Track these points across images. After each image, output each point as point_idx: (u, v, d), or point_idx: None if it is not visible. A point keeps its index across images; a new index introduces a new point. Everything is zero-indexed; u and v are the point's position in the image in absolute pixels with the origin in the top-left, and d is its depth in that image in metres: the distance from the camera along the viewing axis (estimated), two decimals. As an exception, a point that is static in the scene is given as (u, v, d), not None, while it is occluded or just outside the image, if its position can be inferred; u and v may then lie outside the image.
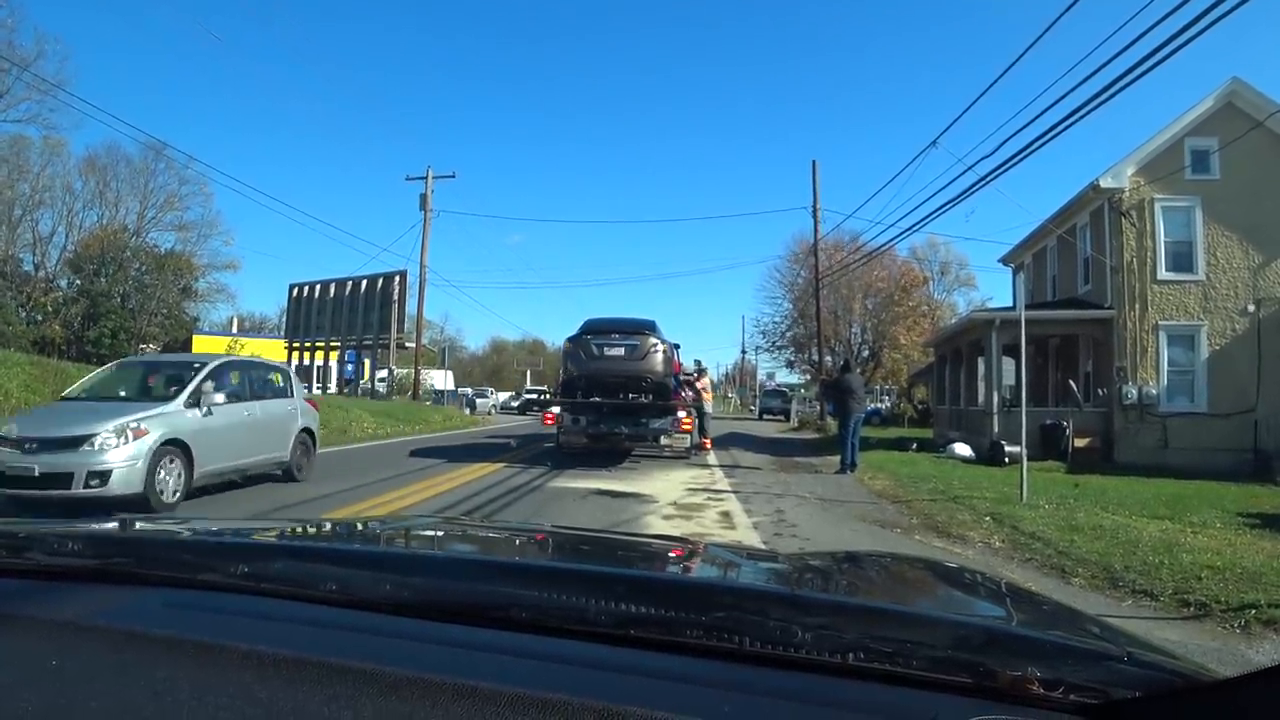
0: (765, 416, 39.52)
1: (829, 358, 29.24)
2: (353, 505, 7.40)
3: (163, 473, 6.76)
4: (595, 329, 12.25)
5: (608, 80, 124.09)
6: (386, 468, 10.64)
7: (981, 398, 16.38)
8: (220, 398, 7.52)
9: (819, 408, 26.74)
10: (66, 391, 8.12)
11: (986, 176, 11.16)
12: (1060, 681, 0.67)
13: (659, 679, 0.70)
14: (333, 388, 31.47)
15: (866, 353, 34.94)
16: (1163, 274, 14.40)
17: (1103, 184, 14.51)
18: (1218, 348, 14.22)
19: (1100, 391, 15.16)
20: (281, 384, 9.01)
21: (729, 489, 9.50)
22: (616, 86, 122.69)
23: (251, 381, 8.44)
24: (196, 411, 7.25)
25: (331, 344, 30.06)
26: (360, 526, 1.73)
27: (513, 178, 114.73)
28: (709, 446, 14.58)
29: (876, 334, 34.28)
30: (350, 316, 28.63)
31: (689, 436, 12.37)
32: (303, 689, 0.67)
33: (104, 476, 6.32)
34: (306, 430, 9.03)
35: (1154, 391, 14.21)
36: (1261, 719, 0.58)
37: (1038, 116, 9.46)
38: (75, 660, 0.73)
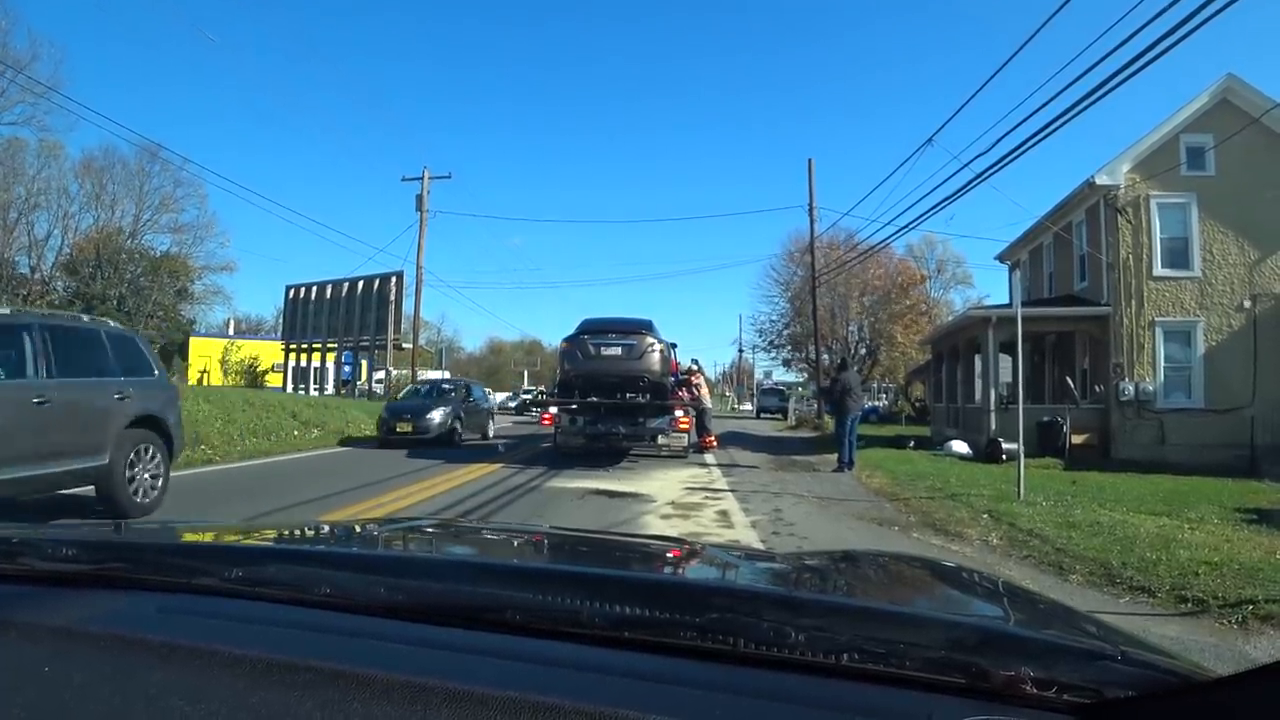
0: (763, 415, 39.51)
1: (826, 356, 29.23)
2: (350, 507, 7.37)
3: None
4: (592, 329, 12.24)
5: (602, 81, 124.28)
6: (384, 468, 10.63)
7: (979, 395, 16.40)
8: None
9: (816, 406, 26.71)
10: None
11: (983, 173, 11.14)
12: (1054, 681, 0.67)
13: (653, 681, 0.70)
14: (330, 389, 31.42)
15: (864, 351, 34.89)
16: (1159, 270, 14.41)
17: (1098, 181, 14.52)
18: (1214, 344, 14.23)
19: (1097, 388, 15.18)
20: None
21: (727, 488, 9.49)
22: (611, 87, 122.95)
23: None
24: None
25: (329, 345, 30.04)
26: (355, 529, 1.72)
27: (508, 178, 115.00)
28: (712, 444, 14.55)
29: (874, 332, 34.25)
30: (347, 318, 28.64)
31: (686, 435, 12.37)
32: (295, 694, 0.66)
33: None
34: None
35: (1151, 388, 14.23)
36: (1256, 718, 0.58)
37: (1035, 112, 9.49)
38: (68, 666, 0.73)
